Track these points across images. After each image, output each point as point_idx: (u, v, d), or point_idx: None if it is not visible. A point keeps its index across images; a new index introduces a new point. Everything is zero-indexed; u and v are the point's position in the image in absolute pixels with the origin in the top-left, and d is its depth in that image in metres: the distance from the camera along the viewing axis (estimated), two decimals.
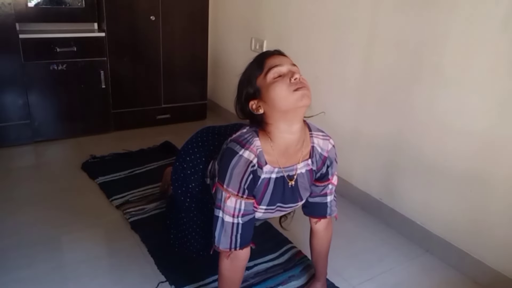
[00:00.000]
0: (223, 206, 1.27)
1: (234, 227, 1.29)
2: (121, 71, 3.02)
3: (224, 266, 1.35)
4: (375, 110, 2.14)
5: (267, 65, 1.24)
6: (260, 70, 1.24)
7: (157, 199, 2.20)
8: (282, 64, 1.24)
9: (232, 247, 1.31)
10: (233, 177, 1.25)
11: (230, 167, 1.25)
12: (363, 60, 2.15)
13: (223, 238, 1.29)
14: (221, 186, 1.27)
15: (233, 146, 1.28)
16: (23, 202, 2.16)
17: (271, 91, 1.20)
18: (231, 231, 1.29)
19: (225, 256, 1.33)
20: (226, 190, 1.26)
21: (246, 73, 1.31)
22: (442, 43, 1.75)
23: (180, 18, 3.14)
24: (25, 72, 2.67)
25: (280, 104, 1.20)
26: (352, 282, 1.72)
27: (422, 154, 1.92)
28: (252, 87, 1.26)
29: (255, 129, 1.31)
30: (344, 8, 2.22)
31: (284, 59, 1.27)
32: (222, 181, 1.26)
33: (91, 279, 1.64)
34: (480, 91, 1.65)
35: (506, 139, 1.59)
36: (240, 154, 1.25)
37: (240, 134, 1.31)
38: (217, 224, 1.29)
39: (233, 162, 1.25)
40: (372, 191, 2.22)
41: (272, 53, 1.29)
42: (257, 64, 1.27)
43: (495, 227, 1.68)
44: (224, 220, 1.28)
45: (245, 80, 1.30)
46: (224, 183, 1.26)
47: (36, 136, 2.84)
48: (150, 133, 3.17)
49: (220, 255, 1.35)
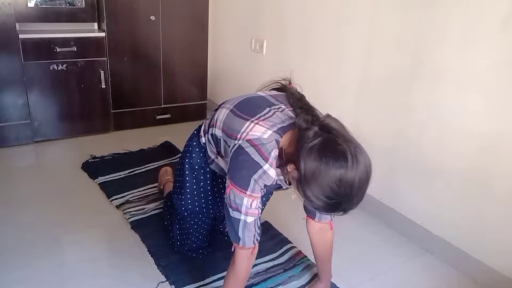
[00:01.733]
0: (247, 210, 1.24)
1: (256, 223, 1.28)
2: (121, 71, 3.02)
3: (243, 266, 1.31)
4: (375, 109, 2.14)
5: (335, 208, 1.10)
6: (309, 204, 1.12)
7: (157, 199, 2.20)
8: None
9: (255, 242, 1.29)
10: (257, 186, 1.22)
11: (255, 179, 1.21)
12: (363, 60, 2.15)
13: (247, 237, 1.27)
14: (243, 193, 1.22)
15: (253, 154, 1.20)
16: (23, 202, 2.16)
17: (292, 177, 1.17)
18: (254, 228, 1.27)
19: (251, 253, 1.30)
20: (250, 196, 1.22)
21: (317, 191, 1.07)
22: (442, 43, 1.75)
23: (180, 18, 3.14)
24: (25, 72, 2.67)
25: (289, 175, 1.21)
26: (352, 282, 1.72)
27: (422, 154, 1.92)
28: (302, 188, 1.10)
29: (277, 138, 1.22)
30: (344, 8, 2.22)
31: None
32: (245, 188, 1.21)
33: (91, 279, 1.64)
34: (480, 91, 1.65)
35: (506, 139, 1.59)
36: (265, 169, 1.20)
37: (259, 138, 1.21)
38: (239, 226, 1.26)
39: (257, 175, 1.20)
40: (372, 191, 2.22)
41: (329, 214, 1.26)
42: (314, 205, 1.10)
43: (495, 227, 1.68)
44: (247, 222, 1.25)
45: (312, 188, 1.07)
46: (247, 191, 1.21)
47: (36, 136, 2.84)
48: (150, 133, 3.17)
49: (239, 256, 1.30)
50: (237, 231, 1.27)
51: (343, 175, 1.04)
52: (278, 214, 2.05)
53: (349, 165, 1.04)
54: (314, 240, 1.53)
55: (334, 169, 1.03)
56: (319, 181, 1.05)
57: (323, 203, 1.07)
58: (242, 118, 1.30)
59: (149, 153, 2.78)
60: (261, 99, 1.36)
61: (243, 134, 1.25)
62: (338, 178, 1.04)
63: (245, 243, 1.27)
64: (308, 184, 1.06)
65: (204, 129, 1.53)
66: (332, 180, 1.04)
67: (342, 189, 1.04)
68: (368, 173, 1.08)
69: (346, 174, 1.04)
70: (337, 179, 1.04)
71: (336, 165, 1.04)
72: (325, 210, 1.11)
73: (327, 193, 1.05)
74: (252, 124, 1.25)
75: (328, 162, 1.04)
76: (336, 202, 1.06)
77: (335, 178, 1.03)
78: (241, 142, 1.24)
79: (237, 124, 1.29)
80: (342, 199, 1.06)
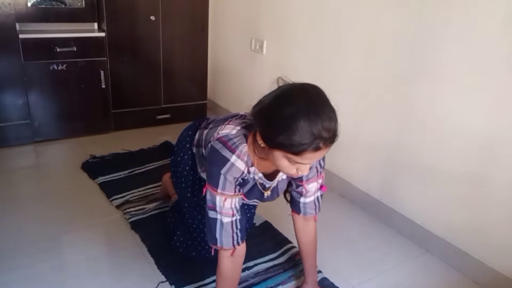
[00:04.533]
0: (221, 209, 1.27)
1: (233, 225, 1.29)
2: (121, 71, 3.02)
3: (226, 266, 1.34)
4: (375, 109, 2.14)
5: (301, 156, 1.08)
6: (291, 151, 1.08)
7: (157, 199, 2.20)
8: (311, 161, 1.13)
9: (235, 244, 1.31)
10: (227, 183, 1.25)
11: (223, 173, 1.24)
12: (363, 60, 2.15)
13: (225, 238, 1.29)
14: (214, 191, 1.26)
15: (220, 148, 1.25)
16: (23, 202, 2.16)
17: (277, 160, 1.14)
18: (231, 230, 1.29)
19: (230, 255, 1.32)
20: (222, 194, 1.25)
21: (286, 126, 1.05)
22: (442, 42, 1.75)
23: (180, 18, 3.14)
24: (25, 72, 2.67)
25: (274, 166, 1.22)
26: (352, 282, 1.72)
27: (422, 154, 1.92)
28: (272, 141, 1.11)
29: (245, 133, 1.29)
30: (344, 8, 2.22)
31: (320, 155, 1.10)
32: (215, 186, 1.25)
33: (91, 279, 1.64)
34: (480, 91, 1.65)
35: (506, 139, 1.59)
36: (232, 162, 1.24)
37: (227, 135, 1.27)
38: (216, 226, 1.28)
39: (225, 169, 1.24)
40: (372, 191, 2.22)
41: (318, 148, 1.06)
42: (296, 145, 1.05)
43: (495, 227, 1.68)
44: (223, 221, 1.28)
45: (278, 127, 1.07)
46: (218, 188, 1.25)
47: (36, 136, 2.84)
48: (150, 133, 3.17)
49: (220, 256, 1.34)
50: (214, 232, 1.29)
51: (292, 98, 1.09)
52: (278, 214, 2.05)
53: (292, 89, 1.12)
54: (299, 230, 1.56)
55: (283, 102, 1.09)
56: (280, 121, 1.07)
57: (299, 137, 1.04)
58: (216, 126, 1.39)
59: (149, 153, 2.78)
60: (230, 114, 1.47)
61: (215, 135, 1.32)
62: (290, 103, 1.08)
63: (222, 244, 1.29)
64: (276, 134, 1.07)
65: (195, 144, 1.59)
66: (288, 111, 1.06)
67: (302, 110, 1.05)
68: (310, 88, 1.12)
69: (294, 95, 1.10)
70: (290, 104, 1.07)
71: (282, 100, 1.10)
72: (309, 142, 1.04)
73: (294, 123, 1.04)
74: (223, 125, 1.34)
75: (275, 104, 1.10)
76: (308, 124, 1.04)
77: (289, 107, 1.07)
78: (212, 143, 1.31)
79: (212, 133, 1.40)
80: (309, 117, 1.04)
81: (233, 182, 1.26)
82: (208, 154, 1.31)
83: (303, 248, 1.57)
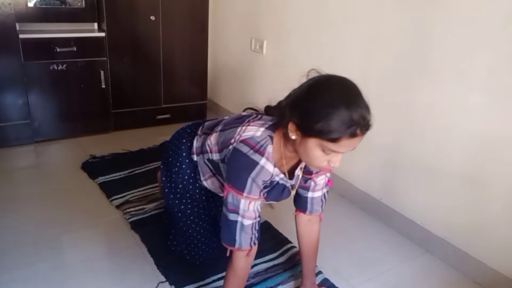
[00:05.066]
0: (244, 212, 1.25)
1: (253, 227, 1.28)
2: (121, 71, 3.02)
3: (241, 265, 1.31)
4: (375, 109, 2.12)
5: (337, 144, 1.09)
6: (327, 138, 1.08)
7: (157, 199, 2.20)
8: (347, 150, 1.14)
9: (252, 244, 1.30)
10: (254, 186, 1.23)
11: (252, 177, 1.22)
12: (363, 60, 2.15)
13: (244, 239, 1.27)
14: (240, 194, 1.23)
15: (248, 152, 1.22)
16: (23, 202, 2.16)
17: (310, 151, 1.14)
18: (251, 231, 1.28)
19: (246, 254, 1.31)
20: (247, 197, 1.23)
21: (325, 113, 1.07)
22: (442, 42, 1.75)
23: (180, 18, 3.14)
24: (25, 72, 2.67)
25: (303, 158, 1.21)
26: (352, 282, 1.72)
27: (422, 154, 1.92)
28: (307, 130, 1.12)
29: (270, 134, 1.25)
30: (344, 8, 2.22)
31: (356, 143, 1.14)
32: (241, 189, 1.22)
33: (91, 279, 1.64)
34: (480, 91, 1.65)
35: (506, 139, 1.59)
36: (261, 165, 1.21)
37: (252, 137, 1.24)
38: (236, 228, 1.26)
39: (254, 172, 1.21)
40: (372, 191, 2.22)
41: (355, 134, 1.11)
42: (334, 131, 1.07)
43: (495, 227, 1.68)
44: (244, 224, 1.26)
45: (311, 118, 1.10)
46: (244, 192, 1.23)
47: (36, 136, 2.84)
48: (150, 133, 3.17)
49: (236, 256, 1.31)
50: (234, 234, 1.27)
51: (330, 87, 1.13)
52: (278, 214, 2.05)
53: (329, 79, 1.16)
54: (301, 232, 1.54)
55: (322, 90, 1.12)
56: (319, 109, 1.09)
57: (337, 123, 1.07)
58: (232, 128, 1.34)
59: (149, 153, 2.78)
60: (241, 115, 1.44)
61: (236, 137, 1.28)
62: (329, 91, 1.12)
63: (241, 245, 1.28)
64: (315, 121, 1.08)
65: (196, 151, 1.56)
66: (327, 98, 1.10)
67: (342, 97, 1.11)
68: (346, 79, 1.18)
69: (331, 85, 1.14)
70: (328, 92, 1.11)
71: (319, 88, 1.13)
72: (347, 128, 1.09)
73: (333, 110, 1.07)
74: (244, 127, 1.29)
75: (312, 92, 1.12)
76: (347, 110, 1.09)
77: (329, 95, 1.11)
78: (235, 145, 1.26)
79: (229, 134, 1.33)
80: (348, 104, 1.10)
81: (261, 186, 1.24)
82: (232, 157, 1.27)
83: (305, 252, 1.56)
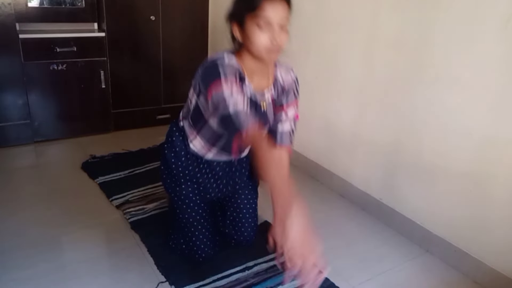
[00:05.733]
0: (232, 99, 1.26)
1: (247, 113, 1.28)
2: (121, 71, 3.02)
3: (264, 148, 1.23)
4: (375, 110, 2.14)
5: (262, 9, 1.26)
6: (253, 9, 1.27)
7: (157, 199, 2.20)
8: (276, 17, 1.28)
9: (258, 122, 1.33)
10: (228, 70, 1.31)
11: (221, 64, 1.32)
12: (363, 60, 2.15)
13: (245, 122, 1.25)
14: (219, 85, 1.27)
15: (210, 59, 1.37)
16: (23, 202, 2.16)
17: (251, 35, 1.30)
18: (246, 116, 1.27)
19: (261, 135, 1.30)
20: (226, 81, 1.27)
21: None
22: (442, 42, 1.75)
23: (180, 18, 3.14)
24: (25, 72, 2.67)
25: (253, 49, 1.33)
26: (352, 282, 1.72)
27: (422, 154, 1.92)
28: (240, 16, 1.32)
29: (232, 51, 1.42)
30: (343, 9, 2.22)
31: (281, 9, 1.29)
32: (217, 77, 1.28)
33: (91, 279, 1.64)
34: (480, 91, 1.65)
35: (506, 139, 1.59)
36: (224, 58, 1.36)
37: (215, 53, 1.41)
38: (236, 117, 1.25)
39: (220, 62, 1.33)
40: (372, 191, 2.22)
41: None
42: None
43: (495, 227, 1.68)
44: (238, 110, 1.26)
45: (238, 3, 1.34)
46: (221, 77, 1.28)
47: (36, 136, 2.84)
48: (150, 133, 3.17)
49: (257, 143, 1.25)
50: (237, 122, 1.26)
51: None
52: None
53: None
54: (272, 166, 1.37)
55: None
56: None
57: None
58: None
59: (149, 153, 2.78)
60: None
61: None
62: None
63: (247, 124, 1.26)
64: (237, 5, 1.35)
65: (183, 116, 1.70)
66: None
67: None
68: None
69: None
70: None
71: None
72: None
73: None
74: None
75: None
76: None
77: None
78: (200, 67, 1.42)
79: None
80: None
81: (234, 73, 1.32)
82: (199, 70, 1.41)
83: (277, 181, 1.23)
